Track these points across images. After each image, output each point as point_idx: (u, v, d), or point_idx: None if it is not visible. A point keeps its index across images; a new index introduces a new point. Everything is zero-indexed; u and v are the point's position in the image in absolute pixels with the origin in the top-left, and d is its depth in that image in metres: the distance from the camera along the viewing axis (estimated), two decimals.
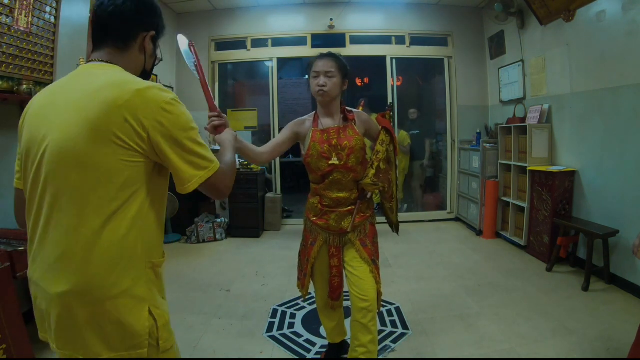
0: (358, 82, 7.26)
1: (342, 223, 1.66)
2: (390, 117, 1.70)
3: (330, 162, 1.59)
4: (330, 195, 1.64)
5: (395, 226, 1.82)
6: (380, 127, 1.62)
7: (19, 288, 1.87)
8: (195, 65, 1.24)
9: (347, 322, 2.12)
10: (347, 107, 1.70)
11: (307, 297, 1.89)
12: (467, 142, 4.67)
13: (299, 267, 1.84)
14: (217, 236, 4.16)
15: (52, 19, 2.48)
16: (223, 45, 4.87)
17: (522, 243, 3.65)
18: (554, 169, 3.26)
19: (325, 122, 1.66)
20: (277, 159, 4.80)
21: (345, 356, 1.98)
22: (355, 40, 4.76)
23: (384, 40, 4.79)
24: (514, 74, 4.13)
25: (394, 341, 2.12)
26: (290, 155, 6.26)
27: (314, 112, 1.71)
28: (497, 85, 4.51)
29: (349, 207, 1.65)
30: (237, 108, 5.21)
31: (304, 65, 6.97)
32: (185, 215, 4.20)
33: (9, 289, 1.74)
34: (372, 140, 1.72)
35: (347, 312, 1.79)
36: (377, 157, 1.59)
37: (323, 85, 1.57)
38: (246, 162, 4.50)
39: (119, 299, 0.81)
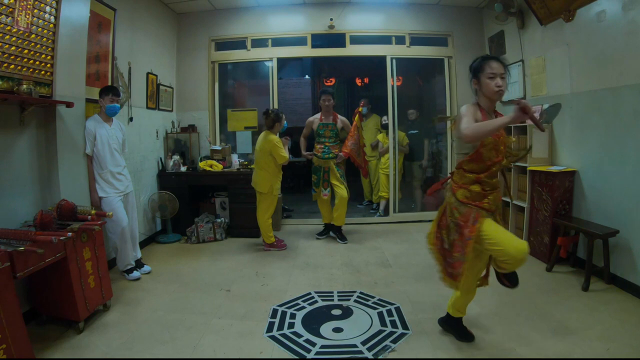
0: (358, 82, 7.27)
1: (496, 203, 1.87)
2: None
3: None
4: (490, 181, 1.84)
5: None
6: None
7: (19, 288, 1.86)
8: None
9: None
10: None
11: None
12: None
13: (444, 261, 1.94)
14: (217, 236, 4.16)
15: (52, 19, 2.47)
16: (223, 45, 4.87)
17: None
18: (554, 169, 3.26)
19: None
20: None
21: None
22: (355, 40, 4.77)
23: (384, 40, 4.79)
24: (514, 74, 4.12)
25: (394, 341, 2.12)
26: (291, 156, 6.24)
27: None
28: None
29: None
30: (237, 108, 5.20)
31: (304, 65, 6.96)
32: (185, 215, 4.20)
33: (9, 289, 1.74)
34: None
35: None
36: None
37: (501, 86, 1.74)
38: (246, 162, 4.51)
39: None
